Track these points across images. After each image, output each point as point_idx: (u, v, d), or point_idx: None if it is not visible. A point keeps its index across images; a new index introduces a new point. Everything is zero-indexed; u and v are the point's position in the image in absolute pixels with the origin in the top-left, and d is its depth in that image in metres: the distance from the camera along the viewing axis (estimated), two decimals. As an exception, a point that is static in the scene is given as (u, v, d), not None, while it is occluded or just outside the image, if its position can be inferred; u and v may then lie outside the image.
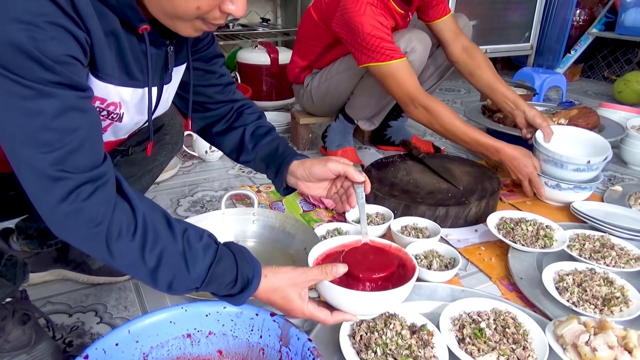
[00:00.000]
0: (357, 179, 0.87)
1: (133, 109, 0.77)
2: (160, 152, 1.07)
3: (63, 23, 0.55)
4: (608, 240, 1.26)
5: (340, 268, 0.76)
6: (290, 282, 0.75)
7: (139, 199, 0.66)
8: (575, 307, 1.01)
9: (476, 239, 1.35)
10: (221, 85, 0.95)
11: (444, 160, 1.68)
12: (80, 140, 0.59)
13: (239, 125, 0.97)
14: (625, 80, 2.99)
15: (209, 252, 0.69)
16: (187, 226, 0.70)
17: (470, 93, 3.17)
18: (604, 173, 1.86)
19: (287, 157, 0.93)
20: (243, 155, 0.98)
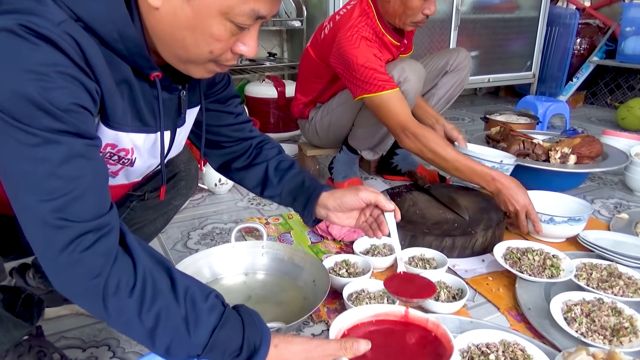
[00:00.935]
0: (388, 207, 0.91)
1: (146, 153, 0.77)
2: (175, 196, 1.10)
3: (73, 73, 0.56)
4: (615, 270, 1.26)
5: (362, 345, 0.69)
6: (304, 355, 0.68)
7: (142, 253, 0.62)
8: (584, 337, 1.01)
9: (483, 269, 1.35)
10: (238, 124, 0.98)
11: (449, 190, 1.70)
12: (84, 188, 0.58)
13: (261, 161, 0.98)
14: (628, 107, 3.02)
15: (213, 315, 0.64)
16: (193, 284, 0.66)
17: (474, 122, 3.21)
18: (609, 201, 1.87)
19: (317, 190, 0.96)
20: (268, 190, 0.99)
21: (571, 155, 1.82)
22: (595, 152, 1.88)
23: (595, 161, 1.89)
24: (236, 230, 1.25)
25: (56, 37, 0.54)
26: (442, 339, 0.79)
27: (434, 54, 1.94)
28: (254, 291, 1.18)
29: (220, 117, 0.95)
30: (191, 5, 0.61)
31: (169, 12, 0.62)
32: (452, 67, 1.88)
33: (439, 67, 1.89)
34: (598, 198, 1.91)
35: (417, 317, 0.84)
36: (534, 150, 1.87)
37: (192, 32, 0.63)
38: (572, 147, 1.85)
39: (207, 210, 1.73)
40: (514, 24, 3.37)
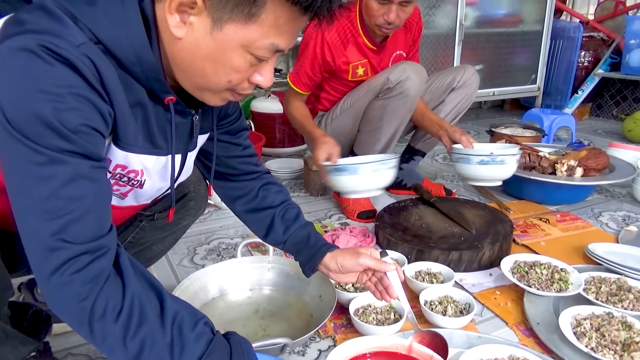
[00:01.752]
0: (389, 270, 0.93)
1: (156, 175, 0.78)
2: (184, 217, 1.10)
3: (87, 95, 0.57)
4: (625, 283, 1.25)
5: None
6: None
7: (134, 276, 0.62)
8: (594, 352, 1.00)
9: (491, 283, 1.34)
10: (245, 157, 0.99)
11: (455, 204, 1.69)
12: (84, 209, 0.58)
13: (267, 207, 1.00)
14: (634, 119, 3.01)
15: (200, 342, 0.63)
16: (183, 310, 0.64)
17: (479, 135, 3.21)
18: (617, 214, 1.86)
19: (321, 249, 0.98)
20: (272, 236, 1.01)
21: (578, 168, 1.81)
22: (601, 164, 1.87)
23: (602, 174, 1.89)
24: (242, 245, 1.25)
25: (74, 58, 0.56)
26: None
27: (440, 71, 1.96)
28: (260, 306, 1.18)
29: (228, 149, 0.96)
30: (214, 38, 0.63)
31: (192, 42, 0.64)
32: (459, 84, 1.90)
33: (445, 84, 1.90)
34: (606, 211, 1.89)
35: (421, 353, 0.84)
36: (540, 163, 1.86)
37: (213, 63, 0.65)
38: (579, 159, 1.85)
39: (214, 226, 1.73)
40: (518, 37, 3.39)
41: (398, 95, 1.65)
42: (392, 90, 1.65)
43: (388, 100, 1.67)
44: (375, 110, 1.72)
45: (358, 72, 1.77)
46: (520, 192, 1.99)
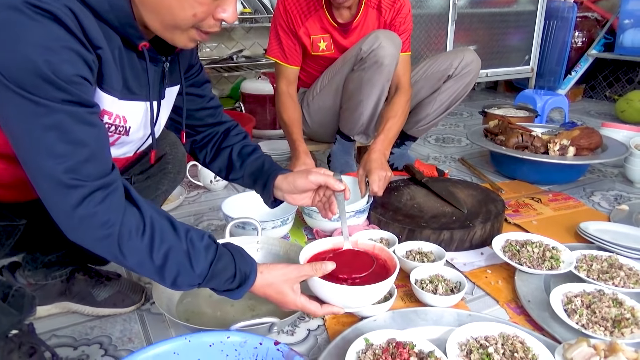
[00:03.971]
0: (337, 187, 1.00)
1: (138, 122, 0.82)
2: (162, 181, 1.09)
3: (74, 46, 0.62)
4: (616, 261, 1.24)
5: (329, 265, 0.87)
6: (283, 278, 0.85)
7: (146, 204, 0.72)
8: (584, 329, 1.00)
9: (482, 262, 1.34)
10: (211, 108, 1.05)
11: (447, 184, 1.68)
12: (90, 151, 0.66)
13: (226, 146, 1.07)
14: (627, 100, 3.00)
15: (210, 251, 0.77)
16: (189, 228, 0.77)
17: (472, 117, 3.19)
18: (609, 193, 1.85)
19: (273, 173, 1.04)
20: (232, 173, 1.08)
21: (570, 147, 1.80)
22: (594, 143, 1.86)
23: (594, 153, 1.88)
24: (230, 225, 1.23)
25: (58, 11, 0.60)
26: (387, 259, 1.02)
27: (438, 55, 1.87)
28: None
29: (195, 101, 1.01)
30: None
31: None
32: (457, 71, 1.80)
33: (441, 70, 1.82)
34: (598, 190, 1.89)
35: (365, 244, 1.05)
36: (533, 142, 1.85)
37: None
38: (571, 139, 1.84)
39: (203, 207, 1.71)
40: (511, 18, 3.35)
41: (373, 65, 1.61)
42: (366, 60, 1.61)
43: (364, 71, 1.63)
44: (352, 83, 1.69)
45: (320, 46, 1.73)
46: (512, 173, 1.98)
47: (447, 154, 2.40)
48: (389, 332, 0.95)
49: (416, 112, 1.91)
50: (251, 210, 1.42)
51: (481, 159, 2.26)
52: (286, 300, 0.86)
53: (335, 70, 1.74)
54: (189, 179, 1.82)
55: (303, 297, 0.88)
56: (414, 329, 1.01)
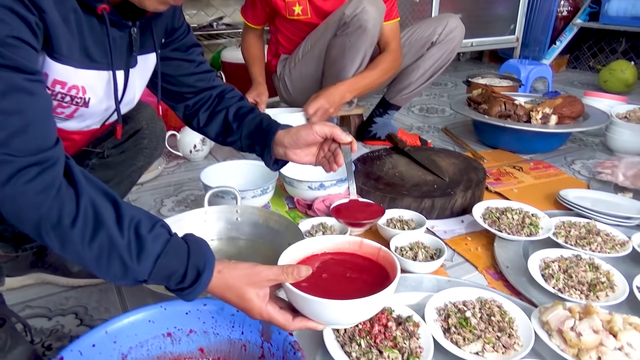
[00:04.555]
0: (344, 139, 0.88)
1: (100, 92, 0.76)
2: (138, 156, 1.05)
3: (10, 5, 0.55)
4: (594, 227, 1.25)
5: (303, 271, 0.70)
6: (246, 280, 0.69)
7: (87, 184, 0.62)
8: (561, 293, 1.01)
9: (462, 229, 1.34)
10: (200, 73, 0.97)
11: (429, 152, 1.67)
12: (25, 122, 0.58)
13: (221, 109, 0.98)
14: (610, 70, 3.00)
15: (157, 243, 0.65)
16: (140, 214, 0.66)
17: (457, 87, 3.17)
18: (589, 162, 1.86)
19: (273, 129, 0.94)
20: (230, 136, 0.99)
21: (552, 116, 1.80)
22: (576, 112, 1.86)
23: (576, 121, 1.88)
24: (209, 194, 1.21)
25: None
26: (389, 270, 0.78)
27: (421, 22, 1.84)
28: (228, 254, 1.15)
29: (181, 66, 0.95)
30: None
31: None
32: (441, 37, 1.78)
33: (425, 37, 1.79)
34: (578, 159, 1.89)
35: (369, 247, 0.82)
36: (516, 111, 1.84)
37: None
38: (554, 107, 1.83)
39: (183, 178, 1.68)
40: (497, -15, 3.30)
41: (357, 30, 1.58)
42: (350, 25, 1.58)
43: (347, 36, 1.60)
44: (335, 49, 1.65)
45: (295, 10, 1.69)
46: (495, 142, 1.97)
47: (430, 123, 2.39)
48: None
49: (399, 80, 1.89)
50: (231, 180, 1.40)
51: (464, 129, 2.26)
52: (250, 307, 0.69)
53: (317, 36, 1.70)
54: (168, 149, 1.78)
55: (271, 305, 0.70)
56: (394, 295, 1.01)
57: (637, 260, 1.16)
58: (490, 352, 0.84)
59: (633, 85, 2.99)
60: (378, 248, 0.81)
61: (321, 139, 0.91)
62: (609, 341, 0.82)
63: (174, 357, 0.82)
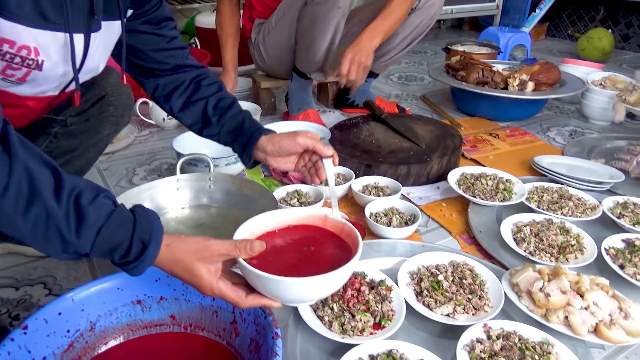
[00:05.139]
0: (326, 153, 0.87)
1: (56, 56, 0.71)
2: (103, 124, 1.01)
3: None
4: (566, 192, 1.27)
5: (257, 246, 0.66)
6: (196, 255, 0.65)
7: (24, 152, 0.57)
8: (531, 256, 1.02)
9: (438, 195, 1.34)
10: (172, 49, 0.93)
11: (406, 120, 1.66)
12: None
13: (199, 98, 0.95)
14: (588, 38, 3.00)
15: (99, 214, 0.60)
16: (83, 185, 0.61)
17: (436, 55, 3.14)
18: (565, 129, 1.88)
19: (256, 132, 0.93)
20: (207, 129, 0.96)
21: (529, 82, 1.80)
22: (553, 78, 1.86)
23: (553, 88, 1.88)
24: (181, 162, 1.18)
25: None
26: (352, 246, 0.74)
27: None
28: (201, 222, 1.14)
29: (152, 41, 0.90)
30: None
31: None
32: (420, 3, 1.73)
33: None
34: (554, 126, 1.91)
35: (334, 222, 0.79)
36: (493, 78, 1.83)
37: None
38: (531, 74, 1.83)
39: (156, 146, 1.64)
40: (478, -49, 3.24)
41: (328, 1, 1.52)
42: None
43: (318, 5, 1.54)
44: (305, 18, 1.59)
45: None
46: (473, 109, 1.97)
47: (409, 91, 2.37)
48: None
49: (378, 47, 1.85)
50: (205, 148, 1.37)
51: (443, 97, 2.25)
52: (200, 283, 0.66)
53: (289, 2, 1.64)
54: (141, 117, 1.73)
55: (222, 281, 0.67)
56: (368, 261, 1.01)
57: (607, 224, 1.18)
58: (461, 313, 0.86)
59: (610, 53, 3.01)
60: (342, 223, 0.78)
61: (302, 150, 0.91)
62: (576, 301, 0.84)
63: (144, 324, 0.81)
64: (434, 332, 0.86)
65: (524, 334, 0.81)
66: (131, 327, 0.80)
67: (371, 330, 0.81)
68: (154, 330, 0.82)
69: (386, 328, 0.82)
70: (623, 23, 3.43)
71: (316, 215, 0.80)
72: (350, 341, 0.78)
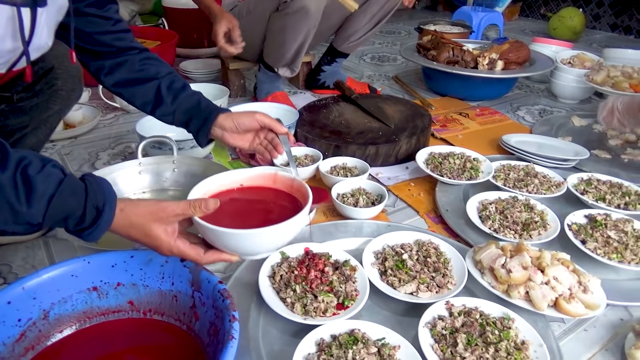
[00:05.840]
0: (281, 130, 0.92)
1: (1, 30, 0.68)
2: (53, 99, 0.97)
3: None
4: (532, 170, 1.28)
5: (211, 204, 0.68)
6: (152, 217, 0.67)
7: None
8: (496, 233, 1.03)
9: (406, 175, 1.34)
10: (118, 32, 0.92)
11: (377, 100, 1.64)
12: None
13: (151, 78, 0.94)
14: (559, 17, 3.02)
15: (49, 183, 0.61)
16: (30, 157, 0.61)
17: (410, 35, 3.12)
18: (534, 107, 1.89)
19: (214, 111, 0.94)
20: (160, 108, 0.96)
21: (499, 61, 1.80)
22: (522, 57, 1.86)
23: (522, 67, 1.89)
24: (143, 145, 1.15)
25: None
26: (302, 200, 0.77)
27: None
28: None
29: (97, 23, 0.89)
30: None
31: None
32: None
33: None
34: (524, 105, 1.92)
35: (283, 179, 0.82)
36: (463, 57, 1.83)
37: None
38: (500, 53, 1.83)
39: (121, 130, 1.60)
40: None
41: (299, 12, 1.50)
42: (290, 5, 1.49)
43: (287, 16, 1.52)
44: (276, 24, 1.58)
45: None
46: (444, 89, 1.97)
47: (382, 72, 2.35)
48: (305, 245, 0.94)
49: (346, 27, 1.83)
50: (169, 130, 1.33)
51: (416, 77, 2.24)
52: (158, 244, 0.68)
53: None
54: (105, 100, 1.68)
55: (180, 240, 0.69)
56: (333, 242, 1.00)
57: (571, 200, 1.19)
58: (424, 291, 0.86)
59: (581, 32, 3.03)
60: (291, 179, 0.81)
61: (259, 127, 0.94)
62: (536, 276, 0.85)
63: (101, 311, 0.79)
64: (397, 310, 0.86)
65: (485, 310, 0.82)
66: (88, 314, 0.78)
67: (334, 311, 0.81)
68: (112, 316, 0.80)
69: (349, 308, 0.81)
70: (594, 2, 3.46)
71: (266, 174, 0.83)
72: (313, 322, 0.78)
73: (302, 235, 1.00)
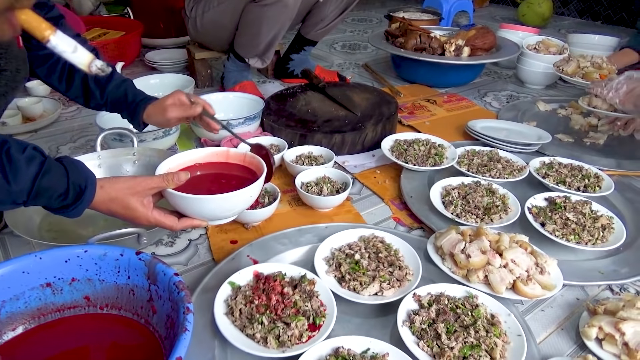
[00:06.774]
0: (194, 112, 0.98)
1: None
2: None
3: None
4: (496, 155, 1.29)
5: (182, 176, 0.75)
6: (129, 191, 0.74)
7: None
8: (458, 218, 1.04)
9: (372, 163, 1.34)
10: (50, 19, 0.88)
11: (344, 88, 1.64)
12: None
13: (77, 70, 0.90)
14: (528, 3, 3.05)
15: (32, 164, 0.65)
16: (9, 140, 0.64)
17: (381, 23, 3.12)
18: (501, 93, 1.91)
19: (142, 104, 0.99)
20: (92, 101, 1.00)
21: (465, 48, 1.81)
22: (488, 43, 1.87)
23: (489, 53, 1.90)
24: (101, 137, 1.12)
25: None
26: (257, 171, 0.86)
27: None
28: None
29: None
30: None
31: None
32: None
33: None
34: (491, 91, 1.94)
35: (236, 155, 0.90)
36: (430, 44, 1.83)
37: None
38: (467, 39, 1.84)
39: (83, 123, 1.56)
40: None
41: (276, 4, 1.49)
42: None
43: (265, 7, 1.51)
44: (252, 15, 1.56)
45: None
46: (413, 76, 1.97)
47: (352, 60, 2.34)
48: (253, 269, 0.87)
49: (313, 14, 1.81)
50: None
51: (386, 65, 2.24)
52: (136, 215, 0.75)
53: None
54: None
55: (156, 211, 0.77)
56: (277, 257, 0.94)
57: (532, 184, 1.21)
58: (388, 289, 0.84)
59: (549, 18, 3.07)
60: (243, 154, 0.89)
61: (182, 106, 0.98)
62: (495, 260, 0.86)
63: (57, 307, 0.77)
64: (366, 314, 0.83)
65: (450, 292, 0.83)
66: (42, 311, 0.77)
67: (309, 334, 0.75)
68: (68, 313, 0.78)
69: (323, 326, 0.76)
70: (562, -11, 3.50)
71: (219, 152, 0.90)
72: (292, 353, 0.71)
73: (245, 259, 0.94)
